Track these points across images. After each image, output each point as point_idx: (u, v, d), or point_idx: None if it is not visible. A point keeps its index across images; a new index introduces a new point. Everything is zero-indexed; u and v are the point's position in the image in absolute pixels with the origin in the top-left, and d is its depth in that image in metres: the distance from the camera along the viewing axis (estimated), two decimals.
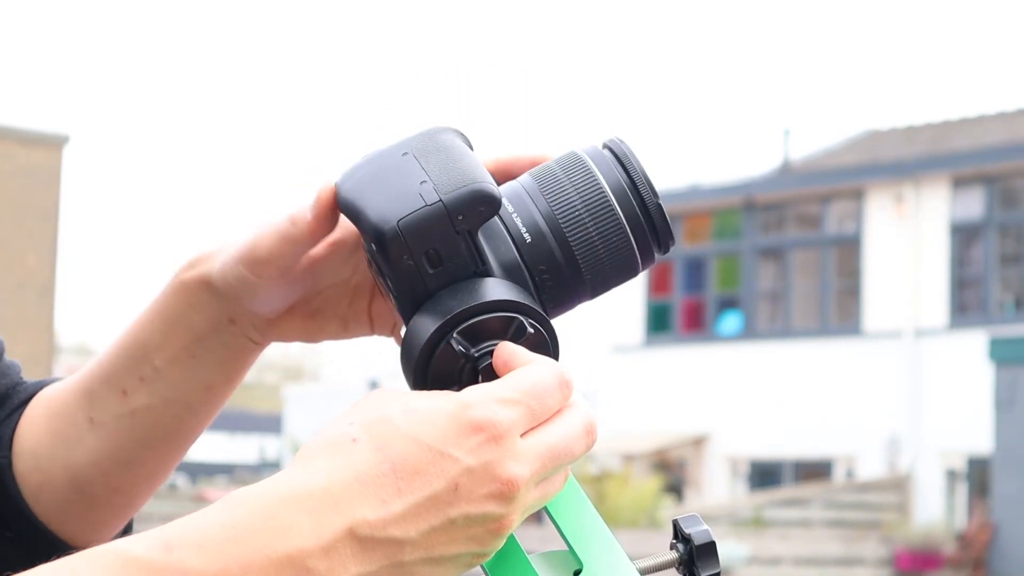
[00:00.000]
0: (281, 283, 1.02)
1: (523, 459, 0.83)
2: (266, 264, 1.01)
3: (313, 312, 1.07)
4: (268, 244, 1.00)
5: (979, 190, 22.37)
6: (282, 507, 0.80)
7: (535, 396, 0.85)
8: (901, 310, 22.56)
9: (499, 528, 0.83)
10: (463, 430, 0.82)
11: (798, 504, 20.72)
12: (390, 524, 0.80)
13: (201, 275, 1.06)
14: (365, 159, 0.94)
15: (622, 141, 0.96)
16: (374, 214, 0.90)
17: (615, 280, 0.96)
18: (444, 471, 0.81)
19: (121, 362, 1.10)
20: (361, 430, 0.83)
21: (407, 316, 0.91)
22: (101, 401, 1.11)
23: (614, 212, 0.94)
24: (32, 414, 1.15)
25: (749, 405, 23.64)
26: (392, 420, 0.82)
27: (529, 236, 0.93)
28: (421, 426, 0.82)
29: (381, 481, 0.81)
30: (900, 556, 19.02)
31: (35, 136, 11.56)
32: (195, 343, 1.07)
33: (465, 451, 0.82)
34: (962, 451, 21.56)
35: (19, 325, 10.73)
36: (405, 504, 0.81)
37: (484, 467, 0.82)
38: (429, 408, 0.83)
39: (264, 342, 1.08)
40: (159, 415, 1.10)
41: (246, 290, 1.03)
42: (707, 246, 24.79)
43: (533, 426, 0.85)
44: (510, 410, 0.83)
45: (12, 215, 11.32)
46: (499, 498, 0.82)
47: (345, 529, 0.80)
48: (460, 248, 0.89)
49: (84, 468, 1.12)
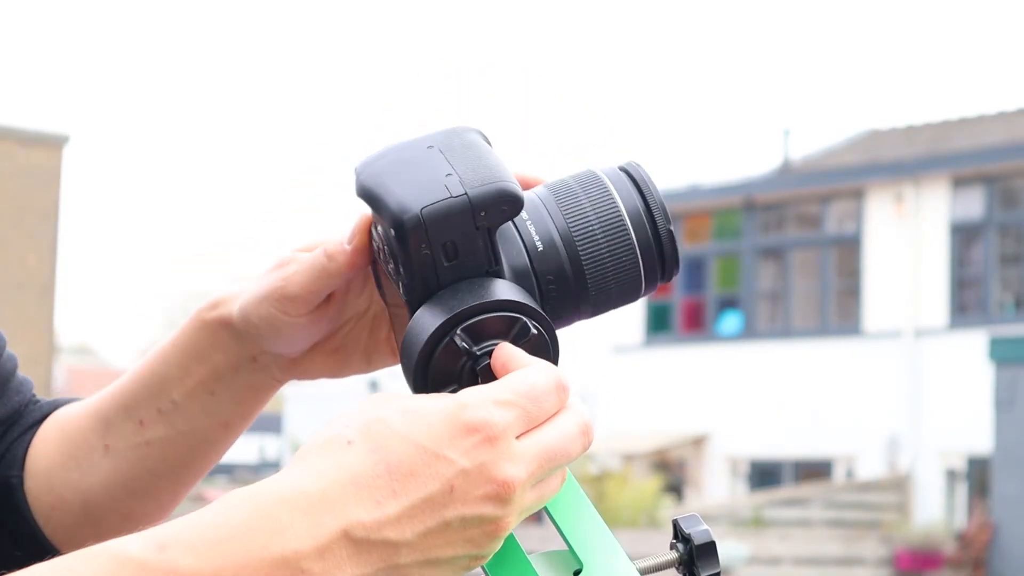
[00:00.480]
0: (307, 321, 1.02)
1: (519, 460, 0.83)
2: (298, 301, 1.01)
3: (336, 348, 1.07)
4: (301, 280, 1.01)
5: (979, 190, 22.37)
6: (278, 508, 0.79)
7: (531, 399, 0.84)
8: (901, 310, 22.56)
9: (495, 530, 0.83)
10: (458, 431, 0.82)
11: (798, 504, 20.72)
12: (385, 526, 0.80)
13: (222, 316, 1.06)
14: (386, 149, 0.94)
15: (639, 165, 0.98)
16: (397, 200, 0.90)
17: (617, 301, 0.97)
18: (439, 473, 0.81)
19: (140, 392, 1.10)
20: (356, 432, 0.82)
21: (414, 307, 0.90)
22: (117, 429, 1.11)
23: (627, 233, 0.95)
24: (46, 435, 1.15)
25: (749, 405, 23.64)
26: (387, 422, 0.82)
27: (541, 245, 0.94)
28: (416, 427, 0.82)
29: (376, 483, 0.81)
30: (900, 556, 19.02)
31: (35, 136, 11.56)
32: (215, 380, 1.08)
33: (460, 452, 0.81)
34: (962, 451, 21.56)
35: (19, 325, 10.74)
36: (400, 506, 0.80)
37: (479, 468, 0.81)
38: (425, 409, 0.83)
39: (285, 379, 1.09)
40: (174, 447, 1.10)
41: (271, 330, 1.03)
42: (707, 246, 24.79)
43: (529, 428, 0.84)
44: (506, 412, 0.83)
45: (12, 215, 11.33)
46: (495, 500, 0.82)
47: (340, 531, 0.79)
48: (477, 245, 0.90)
49: (96, 493, 1.12)
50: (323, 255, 1.00)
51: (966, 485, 21.66)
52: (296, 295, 1.01)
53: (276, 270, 1.03)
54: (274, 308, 1.02)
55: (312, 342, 1.05)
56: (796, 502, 20.76)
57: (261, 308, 1.02)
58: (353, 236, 0.99)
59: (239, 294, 1.05)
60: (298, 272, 1.01)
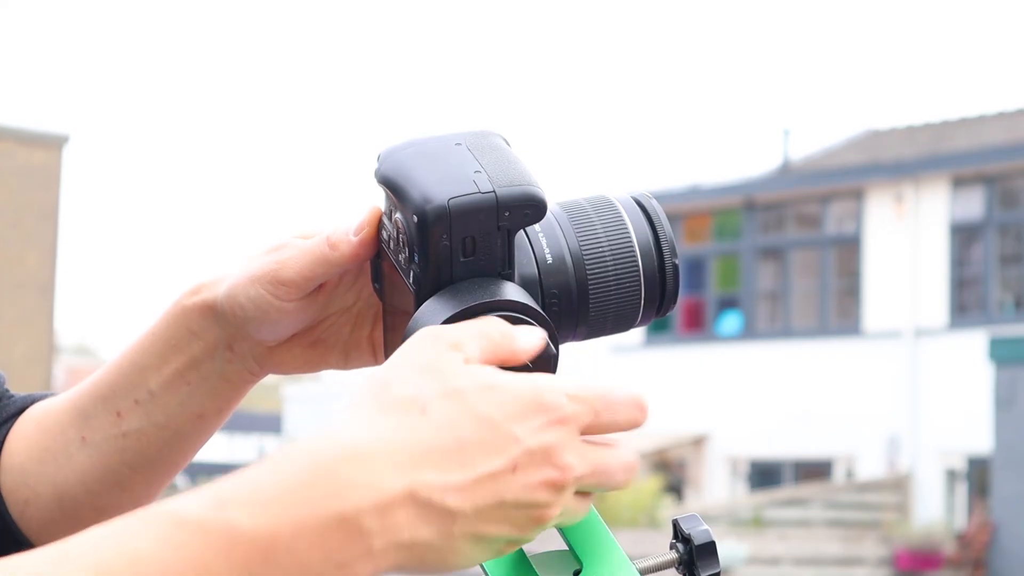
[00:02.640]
0: (295, 307, 1.02)
1: (579, 454, 0.83)
2: (291, 286, 1.00)
3: (315, 341, 1.07)
4: (297, 266, 1.00)
5: (979, 190, 22.37)
6: (340, 464, 0.79)
7: (604, 403, 0.85)
8: (901, 310, 22.56)
9: (541, 517, 0.82)
10: (530, 409, 0.82)
11: (798, 504, 20.73)
12: (450, 492, 0.80)
13: (205, 300, 1.05)
14: (412, 140, 0.94)
15: (652, 198, 0.99)
16: (423, 189, 0.90)
17: (612, 328, 0.98)
18: (506, 449, 0.81)
19: (117, 382, 1.10)
20: (434, 399, 0.82)
21: (422, 298, 0.91)
22: (94, 421, 1.10)
23: (635, 261, 0.96)
24: (22, 430, 1.14)
25: (749, 405, 23.65)
26: (466, 398, 0.82)
27: (551, 259, 0.95)
28: (495, 407, 0.82)
29: (446, 454, 0.80)
30: (900, 556, 19.02)
31: (35, 136, 11.56)
32: (191, 369, 1.07)
33: (529, 431, 0.81)
34: (962, 451, 21.57)
35: (19, 324, 10.74)
36: (465, 476, 0.80)
37: (543, 450, 0.82)
38: (504, 386, 0.83)
39: (261, 373, 1.08)
40: (150, 439, 1.10)
41: (257, 312, 1.02)
42: (707, 246, 24.79)
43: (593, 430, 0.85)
44: (576, 405, 0.83)
45: (12, 214, 11.33)
46: (550, 486, 0.82)
47: (406, 489, 0.79)
48: (495, 244, 0.90)
49: (71, 486, 1.12)
50: (325, 243, 0.99)
51: (966, 485, 21.66)
52: (290, 279, 1.00)
53: (271, 253, 1.02)
54: (264, 290, 1.01)
55: (294, 330, 1.04)
56: (796, 502, 20.77)
57: (251, 289, 1.01)
58: (361, 228, 0.98)
59: (224, 277, 1.05)
60: (294, 257, 1.00)
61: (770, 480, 23.79)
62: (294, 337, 1.06)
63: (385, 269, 0.99)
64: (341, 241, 0.98)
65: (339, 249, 0.98)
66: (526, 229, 0.94)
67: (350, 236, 0.98)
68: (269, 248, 1.03)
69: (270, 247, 1.03)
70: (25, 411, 1.16)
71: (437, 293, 0.90)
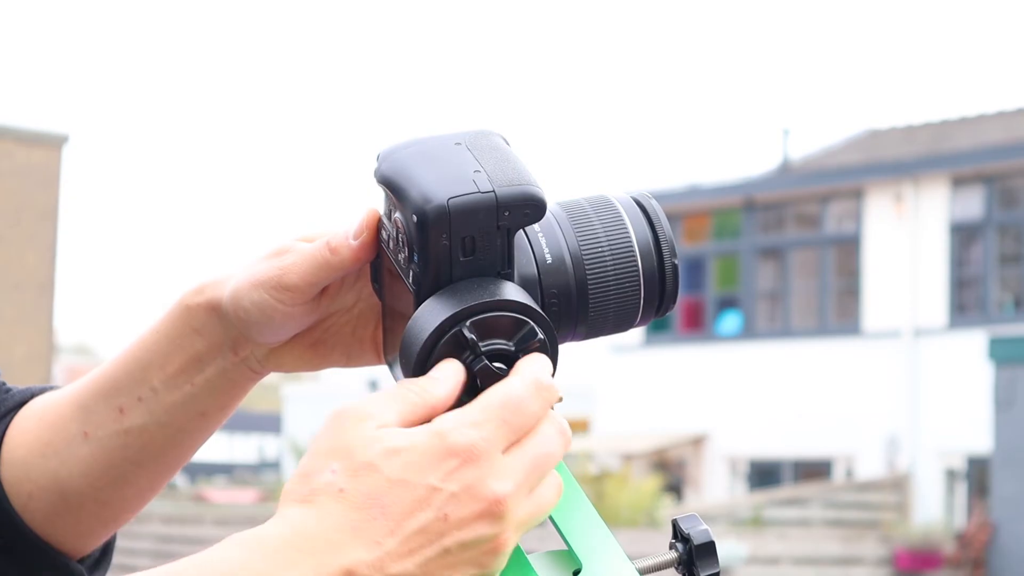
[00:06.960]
0: (299, 311, 1.02)
1: (505, 475, 0.84)
2: (295, 291, 1.01)
3: (316, 342, 1.07)
4: (299, 271, 1.00)
5: (979, 190, 22.37)
6: (281, 549, 0.81)
7: (510, 409, 0.86)
8: (900, 310, 22.56)
9: (496, 548, 0.84)
10: (441, 458, 0.83)
11: (797, 504, 20.72)
12: (387, 562, 0.82)
13: (209, 300, 1.05)
14: (411, 140, 0.94)
15: (651, 197, 0.99)
16: (423, 188, 0.90)
17: (611, 328, 0.98)
18: (429, 502, 0.83)
19: (120, 379, 1.10)
20: (346, 480, 0.83)
21: (421, 298, 0.91)
22: (96, 416, 1.11)
23: (635, 261, 0.96)
24: (24, 423, 1.15)
25: (748, 405, 23.64)
26: (378, 468, 0.83)
27: (550, 259, 0.95)
28: (405, 468, 0.83)
29: (373, 526, 0.82)
30: (899, 556, 19.02)
31: (35, 136, 11.56)
32: (193, 368, 1.07)
33: (445, 478, 0.83)
34: (961, 451, 21.56)
35: (19, 324, 10.74)
36: (398, 540, 0.82)
37: (466, 490, 0.83)
38: (409, 447, 0.84)
39: (263, 372, 1.08)
40: (152, 436, 1.10)
41: (261, 316, 1.02)
42: (706, 246, 24.79)
43: (516, 438, 0.86)
44: (484, 430, 0.84)
45: (11, 214, 11.33)
46: (488, 517, 0.83)
47: (343, 570, 0.81)
48: (495, 244, 0.90)
49: (74, 480, 1.12)
50: (326, 248, 0.99)
51: (965, 485, 21.65)
52: (293, 285, 1.00)
53: (273, 258, 1.02)
54: (268, 295, 1.01)
55: (296, 332, 1.05)
56: (795, 502, 20.76)
57: (254, 294, 1.01)
58: (360, 232, 0.98)
59: (228, 278, 1.04)
60: (296, 263, 1.00)
61: (769, 480, 23.78)
62: (296, 337, 1.06)
63: (384, 269, 0.99)
64: (341, 246, 0.98)
65: (339, 254, 0.99)
66: (526, 229, 0.94)
67: (350, 241, 0.98)
68: (272, 252, 1.03)
69: (272, 251, 1.03)
70: (25, 405, 1.16)
71: (436, 293, 0.90)
